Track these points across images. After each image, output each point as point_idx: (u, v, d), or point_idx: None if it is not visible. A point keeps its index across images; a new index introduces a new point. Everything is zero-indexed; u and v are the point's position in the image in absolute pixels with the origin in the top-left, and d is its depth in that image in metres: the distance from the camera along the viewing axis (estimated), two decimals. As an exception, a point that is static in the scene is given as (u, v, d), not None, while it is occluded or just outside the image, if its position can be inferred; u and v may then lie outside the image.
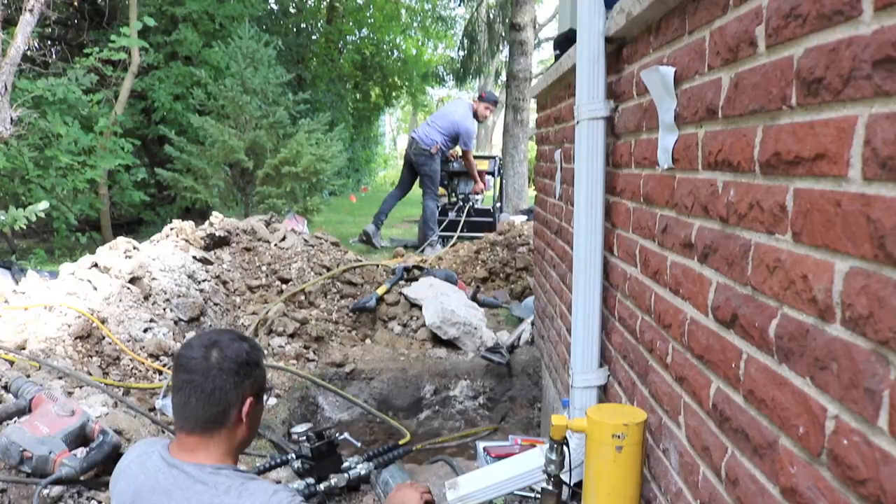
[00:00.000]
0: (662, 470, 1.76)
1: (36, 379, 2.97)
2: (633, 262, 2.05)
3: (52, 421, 2.58)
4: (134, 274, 4.23)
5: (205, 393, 1.79)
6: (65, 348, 3.38)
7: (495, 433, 4.47)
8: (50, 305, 3.69)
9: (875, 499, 0.85)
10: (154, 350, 3.72)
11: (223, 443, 1.83)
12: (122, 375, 3.46)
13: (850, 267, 0.92)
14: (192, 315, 4.32)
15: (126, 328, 3.77)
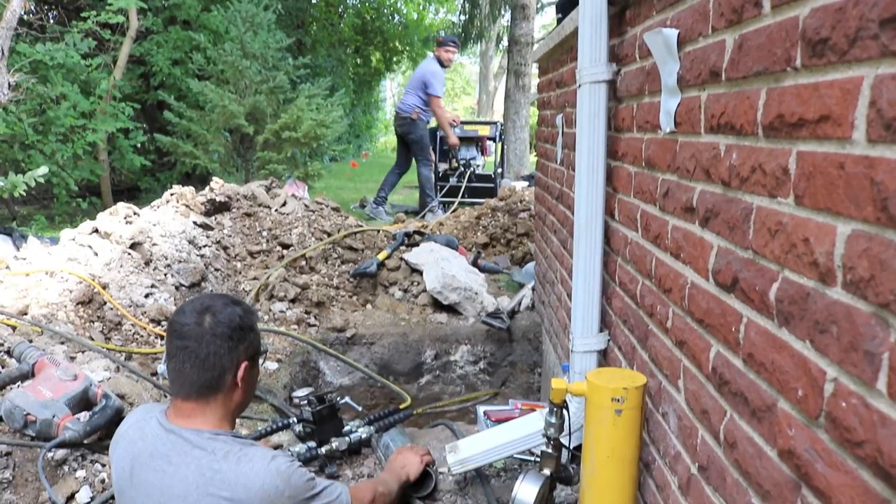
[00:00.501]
0: (661, 433, 1.77)
1: (38, 344, 2.98)
2: (634, 226, 2.04)
3: (55, 385, 2.60)
4: (134, 239, 4.23)
5: (199, 359, 1.79)
6: (66, 314, 3.39)
7: (495, 398, 4.50)
8: (51, 271, 3.69)
9: (872, 460, 0.85)
10: (155, 315, 3.73)
11: (219, 408, 1.84)
12: (124, 340, 3.47)
13: (852, 230, 0.91)
14: (193, 280, 4.33)
15: (127, 293, 3.78)
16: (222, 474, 1.71)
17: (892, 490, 0.82)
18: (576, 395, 1.77)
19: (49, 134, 8.24)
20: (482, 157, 10.64)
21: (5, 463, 2.38)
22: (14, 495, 2.33)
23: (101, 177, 9.68)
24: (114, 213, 4.65)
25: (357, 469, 2.66)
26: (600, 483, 1.70)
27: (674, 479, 1.67)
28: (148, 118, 12.25)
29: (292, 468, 1.78)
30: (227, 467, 1.72)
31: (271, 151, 9.46)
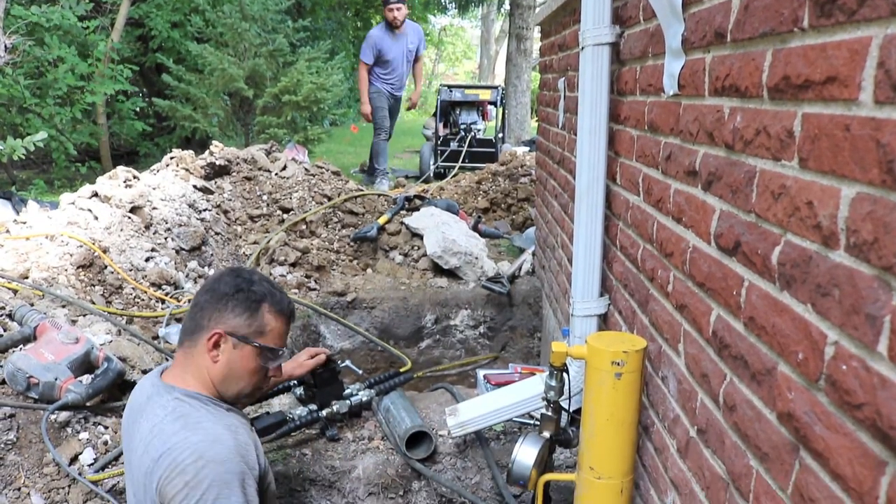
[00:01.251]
0: (661, 397, 1.78)
1: (39, 307, 2.99)
2: (635, 190, 2.03)
3: (57, 348, 2.61)
4: (134, 203, 4.21)
5: (195, 305, 1.90)
6: (67, 277, 3.39)
7: (495, 362, 4.52)
8: (51, 235, 3.68)
9: (871, 422, 0.86)
10: (156, 279, 3.73)
11: (196, 369, 1.87)
12: (125, 304, 3.48)
13: (857, 193, 0.91)
14: (194, 244, 4.33)
15: (128, 257, 3.78)
16: (164, 434, 1.72)
17: (890, 451, 0.82)
18: (576, 358, 1.78)
19: (47, 97, 8.19)
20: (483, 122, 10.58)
21: (9, 425, 2.40)
22: (18, 456, 2.35)
23: (100, 141, 9.64)
24: (113, 176, 4.63)
25: (358, 432, 2.68)
26: (599, 446, 1.72)
27: (672, 443, 1.68)
28: (146, 82, 12.15)
29: (215, 469, 1.67)
30: (171, 429, 1.72)
31: (271, 115, 9.40)
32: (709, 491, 1.43)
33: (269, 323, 1.91)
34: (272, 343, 1.93)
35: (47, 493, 2.30)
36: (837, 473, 0.93)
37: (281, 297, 1.96)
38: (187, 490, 1.64)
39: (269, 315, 1.91)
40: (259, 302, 1.90)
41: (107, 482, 2.35)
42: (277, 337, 1.94)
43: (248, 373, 1.91)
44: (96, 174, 6.08)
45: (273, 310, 1.92)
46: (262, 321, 1.90)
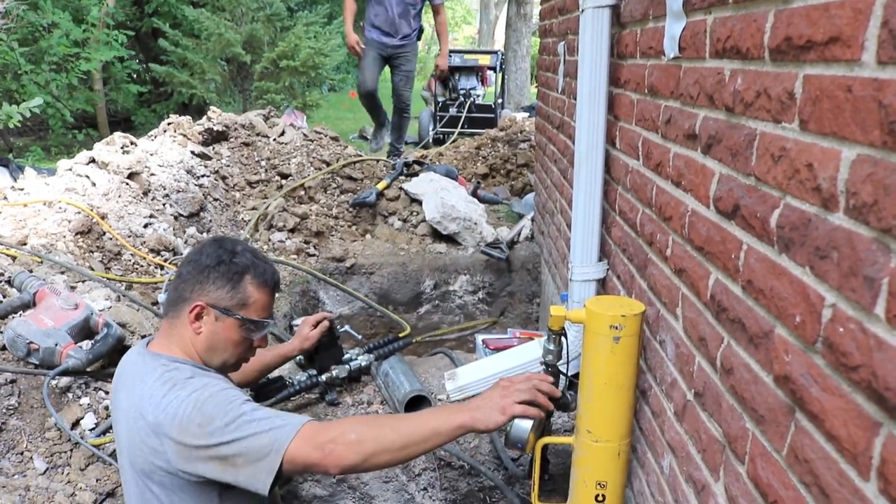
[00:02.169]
0: (658, 361, 1.79)
1: (38, 274, 2.99)
2: (635, 154, 2.02)
3: (57, 314, 2.61)
4: (132, 169, 4.19)
5: (178, 275, 1.90)
6: (66, 244, 3.39)
7: (494, 327, 4.54)
8: (49, 202, 3.67)
9: (866, 384, 0.86)
10: (155, 245, 3.73)
11: (180, 338, 1.88)
12: (124, 270, 3.48)
13: (858, 154, 0.90)
14: (192, 210, 4.32)
15: (126, 224, 3.77)
16: (153, 398, 1.73)
17: (885, 412, 0.82)
18: (574, 322, 1.78)
19: (42, 63, 8.12)
20: (482, 87, 10.51)
21: (10, 390, 2.41)
22: (20, 421, 2.36)
23: (97, 108, 9.58)
24: (110, 142, 4.61)
25: (357, 396, 2.70)
26: (597, 409, 1.73)
27: (669, 406, 1.69)
28: (142, 47, 12.03)
29: (213, 398, 1.72)
30: (160, 391, 1.74)
31: (269, 81, 9.34)
32: (705, 453, 1.45)
33: (252, 295, 1.89)
34: (255, 315, 1.90)
35: (50, 457, 2.32)
36: (832, 435, 0.94)
37: (265, 268, 1.93)
38: (203, 430, 1.67)
39: (251, 287, 1.89)
40: (241, 274, 1.88)
41: (108, 446, 2.37)
42: (261, 309, 1.92)
43: (231, 344, 1.91)
44: (93, 141, 6.06)
45: (256, 282, 1.90)
46: (245, 293, 1.88)
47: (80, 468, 2.33)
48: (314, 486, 2.64)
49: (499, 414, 1.73)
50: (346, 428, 1.72)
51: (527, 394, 1.77)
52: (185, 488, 1.77)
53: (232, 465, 1.68)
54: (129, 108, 10.87)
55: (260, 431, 1.67)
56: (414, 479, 2.64)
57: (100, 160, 4.19)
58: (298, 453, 1.66)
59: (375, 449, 1.68)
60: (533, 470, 1.96)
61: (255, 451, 1.66)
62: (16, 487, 2.18)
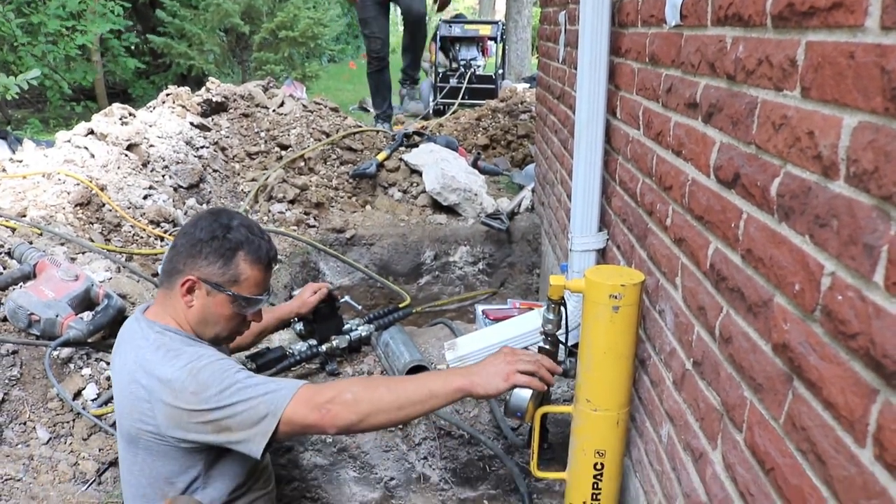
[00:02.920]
0: (657, 330, 1.79)
1: (38, 245, 2.99)
2: (635, 124, 2.01)
3: (57, 285, 2.61)
4: (131, 141, 4.18)
5: (173, 246, 1.90)
6: (65, 215, 3.38)
7: (494, 297, 4.54)
8: (48, 173, 3.66)
9: (864, 351, 0.86)
10: (154, 217, 3.73)
11: (174, 309, 1.89)
12: (124, 242, 3.48)
13: (859, 121, 0.89)
14: (192, 182, 4.30)
15: (125, 195, 3.76)
16: (147, 363, 1.76)
17: (882, 380, 0.83)
18: (574, 291, 1.78)
19: (38, 35, 8.05)
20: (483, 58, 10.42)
21: (12, 361, 2.42)
22: (23, 392, 2.38)
23: (95, 80, 9.51)
24: (109, 114, 4.58)
25: (357, 366, 2.71)
26: (596, 378, 1.73)
27: (668, 375, 1.70)
28: (140, 18, 11.91)
29: (208, 367, 1.74)
30: (154, 358, 1.76)
31: (268, 51, 9.27)
32: (703, 422, 1.45)
33: (245, 272, 1.88)
34: (247, 292, 1.90)
35: (52, 427, 2.33)
36: (830, 402, 0.94)
37: (259, 244, 1.91)
38: (197, 397, 1.70)
39: (244, 264, 1.87)
40: (234, 250, 1.87)
41: (110, 416, 2.38)
42: (254, 285, 1.91)
43: (223, 319, 1.91)
44: (92, 113, 6.02)
45: (249, 258, 1.88)
46: (237, 270, 1.87)
47: (82, 438, 2.35)
48: (315, 455, 2.66)
49: (501, 381, 1.74)
50: (342, 388, 1.74)
51: (531, 365, 1.78)
52: (170, 454, 1.80)
53: (227, 429, 1.71)
54: (128, 80, 10.79)
55: (255, 396, 1.70)
56: (414, 448, 2.66)
57: (98, 132, 4.17)
58: (295, 415, 1.69)
59: (372, 409, 1.71)
60: (532, 439, 1.97)
61: (251, 415, 1.69)
62: (19, 457, 2.20)
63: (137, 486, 1.89)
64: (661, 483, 1.75)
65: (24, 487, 2.12)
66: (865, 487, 0.85)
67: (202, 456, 1.83)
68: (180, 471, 1.83)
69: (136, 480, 1.88)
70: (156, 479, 1.84)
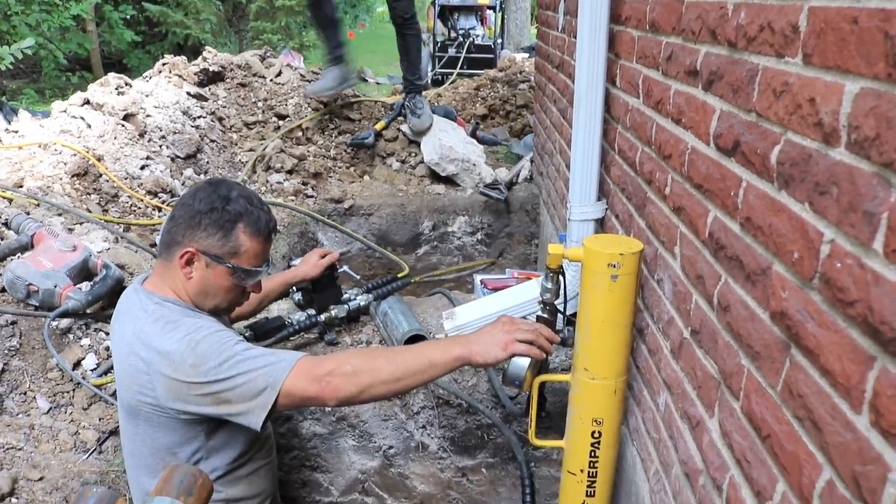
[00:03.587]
0: (655, 300, 1.80)
1: (35, 216, 2.98)
2: (635, 93, 1.99)
3: (55, 256, 2.61)
4: (127, 111, 4.15)
5: (171, 217, 1.88)
6: (62, 186, 3.37)
7: (492, 267, 4.55)
8: (44, 144, 3.64)
9: (862, 318, 0.86)
10: (152, 187, 3.71)
11: (173, 280, 1.88)
12: (122, 212, 3.47)
13: (861, 88, 0.88)
14: (189, 152, 4.28)
15: (123, 165, 3.74)
16: (146, 335, 1.76)
17: (879, 346, 0.83)
18: (572, 260, 1.78)
19: (32, 3, 7.97)
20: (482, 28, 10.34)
21: (12, 332, 2.43)
22: (23, 362, 2.38)
23: (90, 50, 9.43)
24: (105, 84, 4.55)
25: (356, 336, 2.71)
26: (594, 347, 1.74)
27: (666, 344, 1.70)
28: (136, -15, 11.80)
29: (206, 339, 1.74)
30: (153, 330, 1.76)
31: (265, 21, 9.20)
32: (700, 390, 1.46)
33: (244, 244, 1.86)
34: (247, 264, 1.89)
35: (52, 397, 2.34)
36: (827, 369, 0.94)
37: (259, 215, 1.89)
38: (196, 370, 1.70)
39: (243, 236, 1.86)
40: (234, 222, 1.85)
41: (110, 386, 2.39)
42: (253, 257, 1.90)
43: (222, 290, 1.91)
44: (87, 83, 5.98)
45: (249, 230, 1.87)
46: (237, 242, 1.86)
47: (82, 408, 2.36)
48: (314, 424, 2.68)
49: (500, 350, 1.75)
50: (342, 360, 1.75)
51: (530, 334, 1.78)
52: (171, 425, 1.81)
53: (226, 402, 1.72)
54: (124, 50, 10.70)
55: (254, 369, 1.70)
56: (413, 418, 2.68)
57: (94, 102, 4.14)
58: (295, 388, 1.70)
59: (372, 380, 1.72)
60: (530, 407, 1.98)
61: (250, 388, 1.69)
62: (20, 426, 2.22)
63: (139, 457, 1.90)
64: (658, 451, 1.76)
65: (25, 456, 2.13)
66: (861, 453, 0.86)
67: (203, 427, 1.84)
68: (181, 442, 1.84)
69: (138, 451, 1.89)
70: (157, 449, 1.85)
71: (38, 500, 2.01)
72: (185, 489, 1.20)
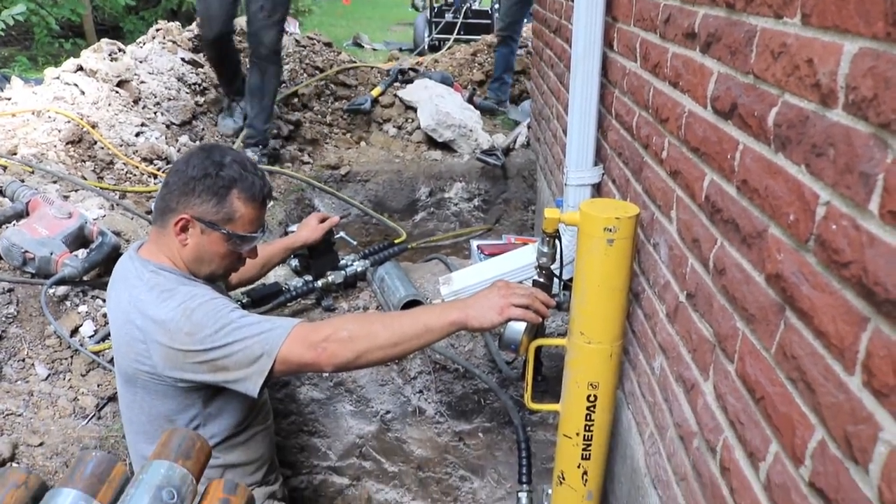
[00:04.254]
0: (651, 264, 1.80)
1: (30, 183, 2.97)
2: (632, 56, 1.98)
3: (51, 223, 2.60)
4: (121, 77, 4.11)
5: (165, 184, 1.86)
6: (57, 153, 3.35)
7: (489, 233, 4.55)
8: (38, 111, 3.62)
9: (856, 279, 0.86)
10: (147, 154, 3.69)
11: (168, 248, 1.87)
12: (117, 180, 3.46)
13: (859, 48, 0.87)
14: (184, 118, 4.25)
15: (117, 132, 3.72)
16: (141, 304, 1.76)
17: (873, 308, 0.83)
18: (569, 224, 1.77)
19: (24, -33, 7.85)
20: (479, -8, 10.24)
21: (9, 299, 2.43)
22: (20, 329, 2.39)
23: (83, 16, 9.31)
24: (98, 50, 4.50)
25: (353, 302, 2.72)
26: (590, 311, 1.74)
27: (662, 308, 1.71)
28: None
29: (202, 306, 1.73)
30: (148, 298, 1.76)
31: (259, -16, 9.05)
32: (695, 353, 1.47)
33: (239, 210, 1.85)
34: (242, 230, 1.87)
35: (51, 364, 2.35)
36: (821, 331, 0.95)
37: (253, 180, 1.87)
38: (192, 338, 1.70)
39: (238, 202, 1.84)
40: (228, 188, 1.83)
41: (108, 353, 2.40)
42: (248, 223, 1.88)
43: (218, 257, 1.90)
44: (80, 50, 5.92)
45: (243, 196, 1.85)
46: (231, 208, 1.84)
47: (81, 374, 2.37)
48: (311, 389, 2.69)
49: (496, 314, 1.76)
50: (338, 326, 1.75)
51: (526, 298, 1.79)
52: (168, 393, 1.81)
53: (223, 369, 1.72)
54: (117, 16, 10.57)
55: (250, 336, 1.71)
56: (409, 383, 2.69)
57: (88, 68, 4.10)
58: (291, 354, 1.70)
59: (368, 346, 1.73)
60: (526, 372, 1.99)
61: (246, 355, 1.70)
62: (19, 392, 2.23)
63: (138, 424, 1.91)
64: (654, 414, 1.78)
65: (24, 422, 2.15)
66: (853, 413, 0.86)
67: (200, 394, 1.85)
68: (179, 409, 1.85)
69: (137, 418, 1.90)
70: (155, 417, 1.86)
71: (38, 465, 2.03)
72: (184, 452, 1.21)
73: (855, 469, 0.86)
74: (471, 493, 2.89)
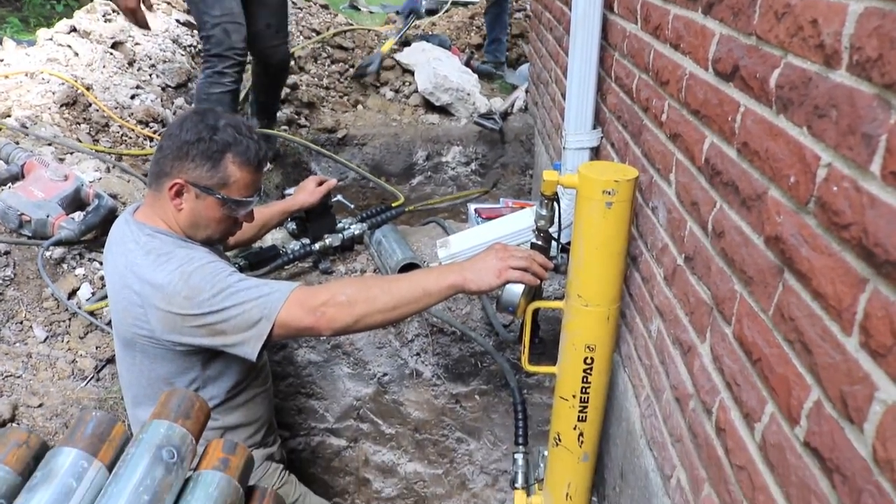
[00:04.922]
0: (650, 227, 1.80)
1: (25, 146, 2.94)
2: (633, 18, 1.96)
3: (46, 185, 2.59)
4: (116, 39, 4.07)
5: (159, 148, 1.84)
6: (51, 116, 3.33)
7: (486, 197, 4.54)
8: (31, 73, 3.58)
9: (856, 241, 0.86)
10: (143, 117, 3.67)
11: (163, 211, 1.86)
12: (113, 142, 3.43)
13: (865, 7, 0.86)
14: (180, 81, 4.22)
15: (112, 95, 3.69)
16: (138, 268, 1.75)
17: (872, 269, 0.83)
18: (567, 187, 1.77)
19: (14, -76, 7.73)
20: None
21: (5, 262, 2.42)
22: (18, 292, 2.39)
23: (75, -26, 9.18)
24: (91, 10, 4.45)
25: (350, 265, 2.72)
26: (588, 274, 1.74)
27: (659, 271, 1.71)
28: None
29: (199, 270, 1.73)
30: (145, 262, 1.75)
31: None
32: (693, 316, 1.47)
33: (234, 174, 1.83)
34: (237, 194, 1.86)
35: (49, 326, 2.36)
36: (819, 293, 0.95)
37: (248, 144, 1.85)
38: (190, 302, 1.70)
39: (232, 166, 1.83)
40: (222, 152, 1.81)
41: (106, 315, 2.40)
42: (243, 188, 1.86)
43: (213, 221, 1.88)
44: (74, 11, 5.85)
45: (238, 160, 1.83)
46: (226, 172, 1.82)
47: (79, 336, 2.38)
48: (309, 352, 2.70)
49: (493, 276, 1.76)
50: (336, 290, 1.75)
51: (523, 261, 1.79)
52: (167, 356, 1.82)
53: (221, 333, 1.72)
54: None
55: (248, 300, 1.71)
56: (407, 345, 2.71)
57: (81, 29, 4.06)
58: (290, 318, 1.70)
59: (367, 310, 1.73)
60: (523, 334, 1.99)
61: (245, 319, 1.70)
62: (18, 354, 2.23)
63: (137, 387, 1.92)
64: (650, 376, 1.79)
65: (24, 384, 2.16)
66: (849, 373, 0.87)
67: (199, 357, 1.85)
68: (178, 372, 1.86)
69: (136, 381, 1.91)
70: (154, 380, 1.87)
71: (38, 426, 2.04)
72: (183, 412, 1.22)
73: (850, 428, 0.87)
74: (467, 455, 2.92)
